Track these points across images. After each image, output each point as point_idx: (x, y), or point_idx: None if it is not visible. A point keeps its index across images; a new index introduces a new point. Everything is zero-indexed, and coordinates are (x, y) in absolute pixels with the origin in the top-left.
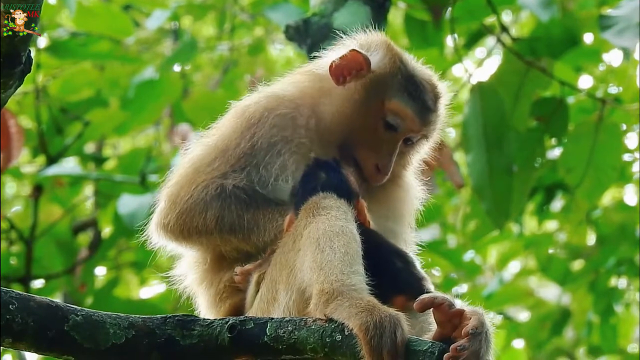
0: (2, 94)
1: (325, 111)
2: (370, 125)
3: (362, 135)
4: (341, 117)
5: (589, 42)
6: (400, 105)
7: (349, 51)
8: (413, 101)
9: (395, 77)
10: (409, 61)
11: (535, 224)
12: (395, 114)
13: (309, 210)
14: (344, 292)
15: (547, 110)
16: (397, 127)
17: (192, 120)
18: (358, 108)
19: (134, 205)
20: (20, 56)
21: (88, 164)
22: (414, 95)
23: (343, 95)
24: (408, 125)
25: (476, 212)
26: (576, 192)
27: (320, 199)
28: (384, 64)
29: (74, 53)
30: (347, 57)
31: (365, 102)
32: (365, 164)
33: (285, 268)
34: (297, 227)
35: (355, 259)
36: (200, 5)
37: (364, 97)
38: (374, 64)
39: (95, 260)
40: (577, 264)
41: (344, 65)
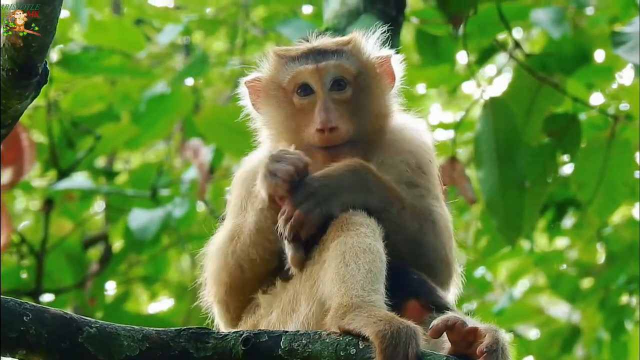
0: (18, 105)
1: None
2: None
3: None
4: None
5: (600, 59)
6: (290, 72)
7: (243, 86)
8: (297, 59)
9: (278, 61)
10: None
11: (545, 241)
12: (293, 82)
13: (339, 225)
14: (362, 306)
15: (559, 126)
16: (305, 88)
17: (203, 135)
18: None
19: (145, 220)
20: (37, 67)
21: (99, 178)
22: (296, 56)
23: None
24: (307, 77)
25: (487, 228)
26: (588, 208)
27: (350, 215)
28: (265, 65)
29: (85, 67)
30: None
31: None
32: (312, 138)
33: (309, 279)
34: (325, 240)
35: (378, 277)
36: (211, 20)
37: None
38: (265, 75)
39: (105, 274)
40: (588, 281)
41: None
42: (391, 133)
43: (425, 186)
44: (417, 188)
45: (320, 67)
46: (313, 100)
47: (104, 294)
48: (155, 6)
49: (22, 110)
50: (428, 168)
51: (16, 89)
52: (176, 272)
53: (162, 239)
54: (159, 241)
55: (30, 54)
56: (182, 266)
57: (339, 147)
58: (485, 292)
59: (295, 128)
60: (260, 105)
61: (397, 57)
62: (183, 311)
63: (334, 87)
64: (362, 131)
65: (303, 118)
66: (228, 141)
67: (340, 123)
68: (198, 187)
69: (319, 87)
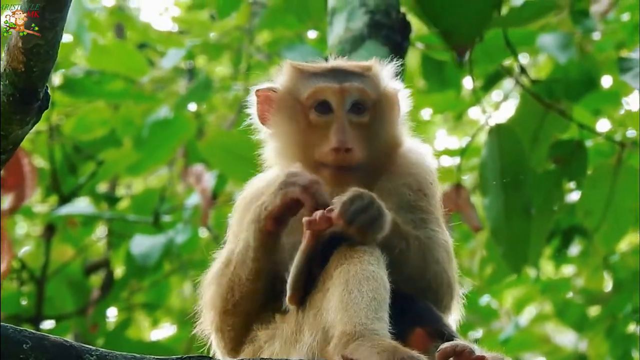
0: (19, 130)
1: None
2: (307, 127)
3: (310, 140)
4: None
5: (607, 85)
6: (311, 88)
7: (254, 94)
8: (320, 76)
9: (297, 75)
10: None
11: (552, 269)
12: (314, 97)
13: (342, 253)
14: (365, 335)
15: (566, 152)
16: (324, 106)
17: (206, 161)
18: (289, 125)
19: (147, 246)
20: (38, 92)
21: (101, 203)
22: (318, 73)
23: (276, 128)
24: (329, 95)
25: (493, 255)
26: (594, 236)
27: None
28: (283, 78)
29: (88, 91)
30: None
31: (289, 116)
32: (324, 157)
33: (313, 308)
34: (329, 268)
35: (382, 306)
36: (215, 45)
37: (285, 112)
38: (276, 84)
39: (107, 301)
40: (594, 309)
41: (259, 105)
42: (397, 159)
43: (426, 209)
44: (418, 211)
45: (345, 88)
46: (330, 120)
47: (105, 321)
48: (158, 30)
49: (23, 136)
50: (429, 190)
51: (17, 114)
52: (178, 299)
53: (164, 265)
54: (161, 267)
55: (32, 78)
56: (184, 293)
57: (349, 169)
58: (491, 320)
59: (306, 144)
60: (270, 116)
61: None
62: (185, 338)
63: (353, 110)
64: (373, 157)
65: (317, 135)
66: (231, 167)
67: (355, 145)
68: (201, 213)
69: (339, 107)
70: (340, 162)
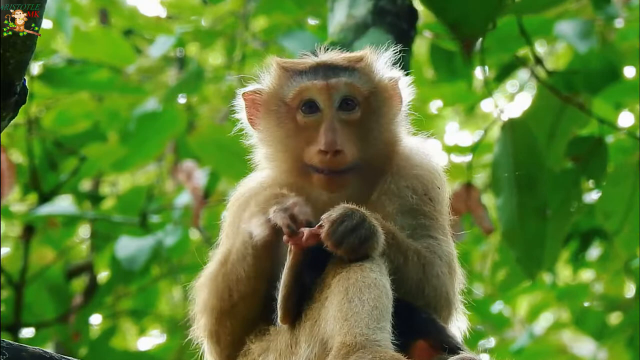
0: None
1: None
2: (295, 128)
3: (299, 142)
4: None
5: (630, 76)
6: (295, 87)
7: (241, 98)
8: (304, 73)
9: (281, 74)
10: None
11: (569, 274)
12: (299, 97)
13: (341, 260)
14: (367, 346)
15: (584, 150)
16: (311, 105)
17: (198, 156)
18: (276, 126)
19: (134, 248)
20: (15, 86)
21: (84, 202)
22: (303, 70)
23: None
24: (314, 93)
25: (506, 259)
26: (615, 239)
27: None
28: (267, 78)
29: (70, 82)
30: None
31: (276, 118)
32: (313, 160)
33: (309, 319)
34: (326, 277)
35: (384, 314)
36: (207, 32)
37: (271, 115)
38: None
39: (90, 307)
40: (615, 317)
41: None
42: (398, 158)
43: (431, 215)
44: (421, 217)
45: (331, 84)
46: (318, 119)
47: (88, 329)
48: (146, 16)
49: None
50: (435, 194)
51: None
52: (167, 305)
53: (152, 269)
54: (148, 272)
55: (8, 71)
56: (173, 299)
57: (341, 172)
58: (504, 328)
59: (295, 147)
60: (258, 120)
61: (406, 79)
62: (175, 348)
63: (342, 107)
64: (368, 156)
65: (305, 137)
66: (224, 163)
67: (346, 146)
68: (191, 213)
69: (326, 105)
70: (330, 165)
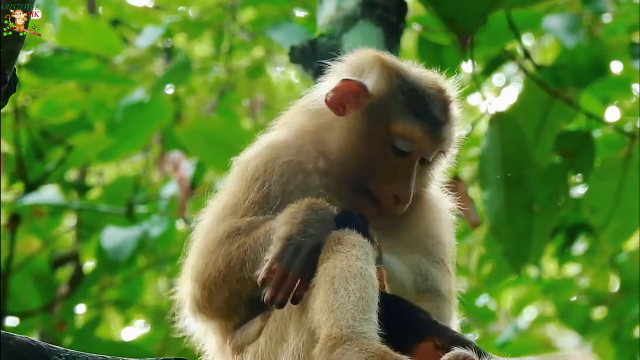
0: None
1: (331, 148)
2: (378, 154)
3: (373, 166)
4: (347, 149)
5: (618, 72)
6: (407, 128)
7: (340, 81)
8: (420, 119)
9: (396, 96)
10: (409, 74)
11: (555, 268)
12: (403, 138)
13: (329, 245)
14: (353, 338)
15: (572, 144)
16: (408, 151)
17: (185, 148)
18: (362, 138)
19: (120, 238)
20: (5, 75)
21: (70, 192)
22: (420, 112)
23: (345, 126)
24: (420, 147)
25: (492, 253)
26: (601, 234)
27: (342, 235)
28: (381, 85)
29: (57, 71)
30: (340, 89)
31: (368, 130)
32: (382, 196)
33: (298, 307)
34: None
35: (370, 305)
36: (195, 23)
37: (366, 125)
38: (371, 87)
39: (75, 297)
40: (599, 311)
41: (339, 97)
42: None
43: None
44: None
45: (438, 144)
46: (405, 162)
47: (73, 319)
48: (133, 6)
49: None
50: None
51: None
52: (153, 295)
53: (138, 259)
54: (134, 262)
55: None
56: (159, 289)
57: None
58: (488, 322)
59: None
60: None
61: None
62: (160, 339)
63: (423, 160)
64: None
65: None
66: (211, 154)
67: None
68: (178, 203)
69: (417, 157)
70: (393, 210)
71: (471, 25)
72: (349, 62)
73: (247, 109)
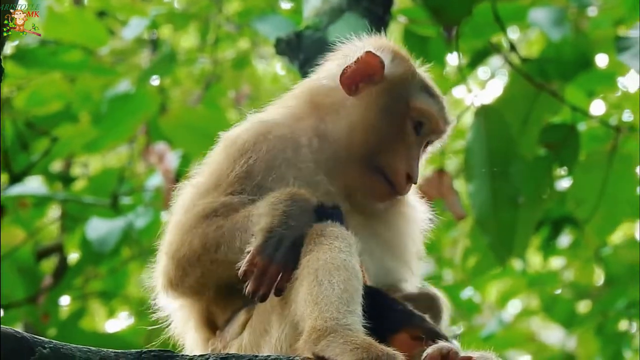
0: None
1: (336, 127)
2: (396, 132)
3: (390, 143)
4: (364, 127)
5: (603, 65)
6: (425, 104)
7: (365, 53)
8: (434, 100)
9: (414, 77)
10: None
11: (539, 261)
12: (421, 114)
13: (312, 237)
14: (337, 330)
15: (557, 137)
16: (423, 128)
17: (170, 139)
18: (384, 114)
19: (104, 230)
20: None
21: (55, 183)
22: (433, 94)
23: (361, 104)
24: (433, 126)
25: (477, 246)
26: (586, 227)
27: (325, 227)
28: (400, 66)
29: (42, 62)
30: (363, 60)
31: (390, 107)
32: (397, 174)
33: (281, 298)
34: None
35: (354, 297)
36: (181, 14)
37: (388, 102)
38: (387, 67)
39: (60, 288)
40: (584, 305)
41: (359, 70)
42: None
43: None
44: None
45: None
46: (414, 141)
47: (58, 310)
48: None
49: None
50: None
51: None
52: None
53: (122, 251)
54: (119, 253)
55: None
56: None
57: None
58: (473, 314)
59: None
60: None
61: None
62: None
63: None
64: None
65: (395, 143)
66: (196, 146)
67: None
68: (163, 195)
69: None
70: (401, 191)
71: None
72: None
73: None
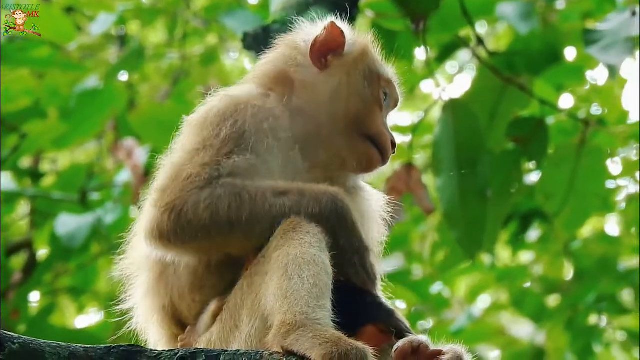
0: None
1: (312, 102)
2: (375, 99)
3: (373, 111)
4: (348, 96)
5: (571, 58)
6: (390, 75)
7: (329, 24)
8: (392, 72)
9: (375, 50)
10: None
11: (508, 255)
12: (388, 84)
13: (281, 232)
14: (307, 324)
15: (525, 131)
16: (387, 99)
17: (138, 135)
18: (365, 82)
19: (73, 226)
20: None
21: (24, 179)
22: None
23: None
24: (395, 96)
25: (446, 240)
26: (555, 220)
27: (294, 222)
28: (361, 38)
29: (10, 58)
30: (329, 31)
31: (368, 75)
32: (385, 139)
33: (250, 293)
34: (268, 248)
35: (324, 292)
36: (149, 10)
37: (365, 70)
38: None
39: (29, 284)
40: (554, 299)
41: (326, 41)
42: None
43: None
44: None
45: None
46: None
47: (27, 306)
48: None
49: None
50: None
51: None
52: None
53: (91, 246)
54: (88, 249)
55: None
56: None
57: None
58: (442, 309)
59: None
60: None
61: None
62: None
63: None
64: None
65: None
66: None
67: None
68: (132, 190)
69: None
70: (387, 158)
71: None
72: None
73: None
